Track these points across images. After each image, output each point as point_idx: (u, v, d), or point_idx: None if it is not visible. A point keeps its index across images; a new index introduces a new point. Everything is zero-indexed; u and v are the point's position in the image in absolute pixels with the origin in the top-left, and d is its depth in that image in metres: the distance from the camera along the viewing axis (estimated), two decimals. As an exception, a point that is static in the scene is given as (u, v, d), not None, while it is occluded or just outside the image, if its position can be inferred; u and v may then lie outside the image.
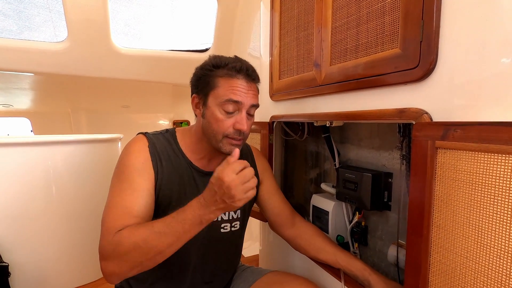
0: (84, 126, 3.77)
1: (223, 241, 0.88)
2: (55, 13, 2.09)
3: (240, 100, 0.75)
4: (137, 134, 0.83)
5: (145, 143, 0.79)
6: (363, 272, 0.82)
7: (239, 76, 0.76)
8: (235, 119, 0.76)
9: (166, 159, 0.80)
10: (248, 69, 0.78)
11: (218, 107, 0.76)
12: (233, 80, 0.76)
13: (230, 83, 0.75)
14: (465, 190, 0.50)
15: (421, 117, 0.58)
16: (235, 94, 0.75)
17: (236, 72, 0.76)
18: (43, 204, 1.57)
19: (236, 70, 0.76)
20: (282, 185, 1.34)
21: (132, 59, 2.46)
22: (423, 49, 0.58)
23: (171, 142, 0.83)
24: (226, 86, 0.75)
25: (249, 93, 0.77)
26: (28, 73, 2.28)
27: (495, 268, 0.47)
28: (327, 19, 0.84)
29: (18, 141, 1.52)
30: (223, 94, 0.75)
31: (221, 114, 0.76)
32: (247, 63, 0.79)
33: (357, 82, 0.75)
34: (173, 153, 0.82)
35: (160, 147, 0.80)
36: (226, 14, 2.45)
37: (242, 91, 0.75)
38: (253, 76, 0.79)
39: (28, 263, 1.55)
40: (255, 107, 0.80)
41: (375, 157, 0.98)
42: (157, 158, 0.78)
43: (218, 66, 0.77)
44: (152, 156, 0.77)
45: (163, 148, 0.80)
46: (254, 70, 0.80)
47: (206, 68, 0.78)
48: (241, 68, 0.76)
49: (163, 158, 0.79)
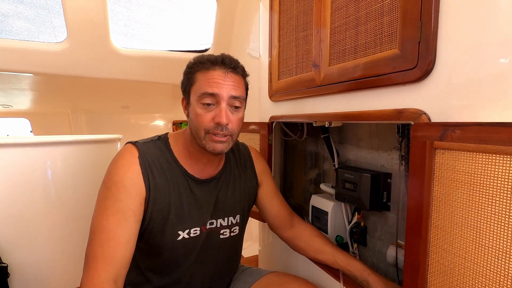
0: (84, 127, 3.76)
1: (223, 247, 0.88)
2: (55, 13, 2.09)
3: (215, 92, 0.72)
4: (126, 144, 0.79)
5: (134, 154, 0.75)
6: (362, 273, 0.82)
7: (215, 67, 0.74)
8: (214, 113, 0.73)
9: (159, 169, 0.77)
10: (224, 59, 0.75)
11: (197, 102, 0.74)
12: (209, 72, 0.74)
13: (206, 75, 0.74)
14: (463, 191, 0.51)
15: (420, 118, 0.58)
16: (211, 86, 0.72)
17: (211, 63, 0.74)
18: (43, 205, 1.57)
19: (211, 62, 0.74)
20: (282, 186, 1.34)
21: (132, 59, 2.46)
22: (421, 49, 0.58)
23: (164, 150, 0.80)
24: (202, 80, 0.74)
25: (227, 84, 0.73)
26: (27, 73, 2.28)
27: (493, 269, 0.47)
28: (326, 19, 0.84)
29: (17, 141, 1.52)
30: (199, 87, 0.74)
31: (200, 109, 0.74)
32: (227, 55, 0.77)
33: (356, 83, 0.75)
34: (166, 162, 0.79)
35: (151, 157, 0.77)
36: (225, 15, 2.45)
37: (218, 82, 0.73)
38: (231, 65, 0.75)
39: (27, 264, 1.55)
40: (239, 99, 0.76)
41: (374, 157, 0.98)
42: (148, 170, 0.74)
43: (199, 62, 0.76)
44: (142, 169, 0.74)
45: (155, 158, 0.77)
46: (234, 60, 0.77)
47: (189, 65, 0.78)
48: (216, 60, 0.74)
49: (155, 169, 0.76)
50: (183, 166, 0.80)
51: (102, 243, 0.67)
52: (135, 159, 0.75)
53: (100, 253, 0.67)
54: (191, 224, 0.80)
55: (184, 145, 0.82)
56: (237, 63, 0.78)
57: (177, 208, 0.78)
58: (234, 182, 0.89)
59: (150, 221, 0.76)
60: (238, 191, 0.90)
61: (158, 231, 0.77)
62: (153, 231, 0.77)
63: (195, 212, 0.81)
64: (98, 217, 0.70)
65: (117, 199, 0.70)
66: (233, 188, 0.89)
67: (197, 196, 0.81)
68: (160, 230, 0.77)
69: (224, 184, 0.87)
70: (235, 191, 0.89)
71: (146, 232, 0.77)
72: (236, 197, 0.89)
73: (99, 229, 0.69)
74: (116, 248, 0.68)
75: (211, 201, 0.84)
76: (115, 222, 0.69)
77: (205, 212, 0.82)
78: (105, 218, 0.69)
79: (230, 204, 0.87)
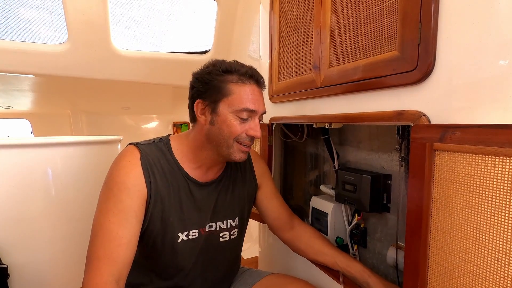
0: (84, 128, 3.76)
1: (223, 250, 0.88)
2: (56, 15, 2.09)
3: (255, 109, 0.75)
4: (128, 145, 0.79)
5: (136, 156, 0.75)
6: (362, 274, 0.82)
7: (251, 81, 0.76)
8: (248, 126, 0.76)
9: (160, 172, 0.77)
10: (258, 75, 0.78)
11: (233, 114, 0.74)
12: (247, 87, 0.75)
13: (245, 90, 0.75)
14: (463, 192, 0.51)
15: (419, 119, 0.59)
16: (253, 103, 0.75)
17: (248, 77, 0.75)
18: (43, 206, 1.57)
19: (247, 76, 0.75)
20: (282, 187, 1.34)
21: (132, 61, 2.46)
22: (421, 51, 0.58)
23: (165, 152, 0.80)
24: (241, 93, 0.74)
25: (261, 100, 0.78)
26: (28, 74, 2.28)
27: (493, 270, 0.47)
28: (326, 21, 0.85)
29: (18, 142, 1.52)
30: (239, 102, 0.74)
31: (236, 121, 0.75)
32: (254, 68, 0.79)
33: (356, 84, 0.75)
34: (167, 165, 0.79)
35: (153, 159, 0.77)
36: (226, 16, 2.46)
37: (256, 99, 0.76)
38: (263, 83, 0.80)
39: (27, 265, 1.54)
40: (264, 113, 0.81)
41: (374, 159, 0.98)
42: (149, 172, 0.75)
43: (229, 71, 0.75)
44: (144, 171, 0.74)
45: (156, 160, 0.77)
46: (260, 75, 0.80)
47: (215, 73, 0.75)
48: (253, 74, 0.76)
49: (157, 171, 0.76)
50: (184, 169, 0.80)
51: (104, 244, 0.68)
52: (137, 160, 0.75)
53: (102, 254, 0.67)
54: (190, 226, 0.80)
55: (189, 148, 0.82)
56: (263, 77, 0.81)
57: (176, 211, 0.78)
58: (234, 185, 0.89)
59: (150, 223, 0.76)
60: (237, 194, 0.90)
61: (158, 233, 0.77)
62: (152, 233, 0.77)
63: (194, 215, 0.81)
64: (100, 218, 0.70)
65: (119, 200, 0.71)
66: (232, 191, 0.89)
67: (197, 199, 0.81)
68: (160, 232, 0.77)
69: (224, 187, 0.87)
70: (235, 194, 0.89)
71: (146, 233, 0.77)
72: (236, 200, 0.89)
73: (101, 229, 0.69)
74: (118, 249, 0.68)
75: (210, 204, 0.84)
76: (117, 223, 0.69)
77: (204, 214, 0.83)
78: (107, 219, 0.69)
79: (230, 207, 0.87)
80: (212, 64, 0.78)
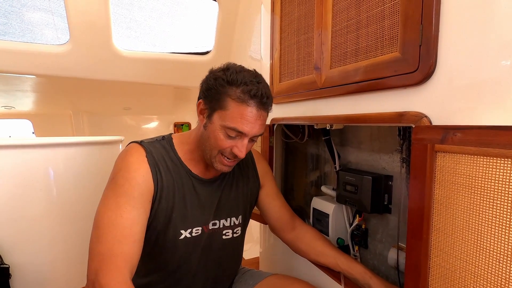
0: (86, 128, 3.77)
1: (225, 248, 0.88)
2: (58, 16, 2.10)
3: (245, 132, 0.71)
4: (131, 143, 0.79)
5: (142, 153, 0.75)
6: (364, 275, 0.82)
7: (251, 102, 0.70)
8: (235, 143, 0.73)
9: (165, 169, 0.77)
10: (264, 96, 0.71)
11: (222, 128, 0.72)
12: (243, 107, 0.70)
13: (240, 110, 0.70)
14: (464, 194, 0.51)
15: (421, 121, 0.59)
16: (242, 124, 0.70)
17: (249, 97, 0.70)
18: (45, 206, 1.57)
19: (250, 95, 0.70)
20: (283, 188, 1.34)
21: (134, 61, 2.47)
22: (422, 53, 0.58)
23: (168, 149, 0.80)
24: (235, 112, 0.70)
25: (257, 123, 0.72)
26: (30, 75, 2.29)
27: (494, 272, 0.47)
28: (327, 22, 0.85)
29: (19, 143, 1.53)
30: (230, 120, 0.70)
31: (222, 135, 0.73)
32: (264, 87, 0.72)
33: (357, 86, 0.75)
34: (171, 162, 0.79)
35: (158, 156, 0.77)
36: (227, 17, 2.46)
37: (250, 121, 0.71)
38: (267, 105, 0.73)
39: (29, 265, 1.55)
40: (260, 135, 0.76)
41: (375, 160, 0.98)
42: (156, 169, 0.75)
43: (232, 83, 0.71)
44: (151, 167, 0.74)
45: (160, 157, 0.77)
46: (270, 97, 0.74)
47: (219, 82, 0.72)
48: (256, 95, 0.70)
49: (162, 168, 0.76)
50: (187, 166, 0.81)
51: (119, 240, 0.67)
52: (144, 157, 0.75)
53: (119, 251, 0.66)
54: (193, 223, 0.81)
55: (189, 147, 0.82)
56: (271, 99, 0.75)
57: (180, 208, 0.78)
58: (237, 183, 0.90)
59: (154, 220, 0.76)
60: (240, 191, 0.90)
61: (161, 229, 0.77)
62: (156, 230, 0.77)
63: (198, 212, 0.81)
64: (108, 213, 0.69)
65: (131, 196, 0.70)
66: (236, 189, 0.89)
67: (201, 196, 0.82)
68: (163, 229, 0.77)
69: (227, 185, 0.88)
70: (238, 192, 0.89)
71: (149, 230, 0.77)
72: (239, 198, 0.89)
73: (113, 225, 0.68)
74: (133, 245, 0.68)
75: (214, 201, 0.84)
76: (130, 220, 0.69)
77: (208, 212, 0.83)
78: (119, 215, 0.68)
79: (233, 205, 0.88)
80: (224, 69, 0.74)
